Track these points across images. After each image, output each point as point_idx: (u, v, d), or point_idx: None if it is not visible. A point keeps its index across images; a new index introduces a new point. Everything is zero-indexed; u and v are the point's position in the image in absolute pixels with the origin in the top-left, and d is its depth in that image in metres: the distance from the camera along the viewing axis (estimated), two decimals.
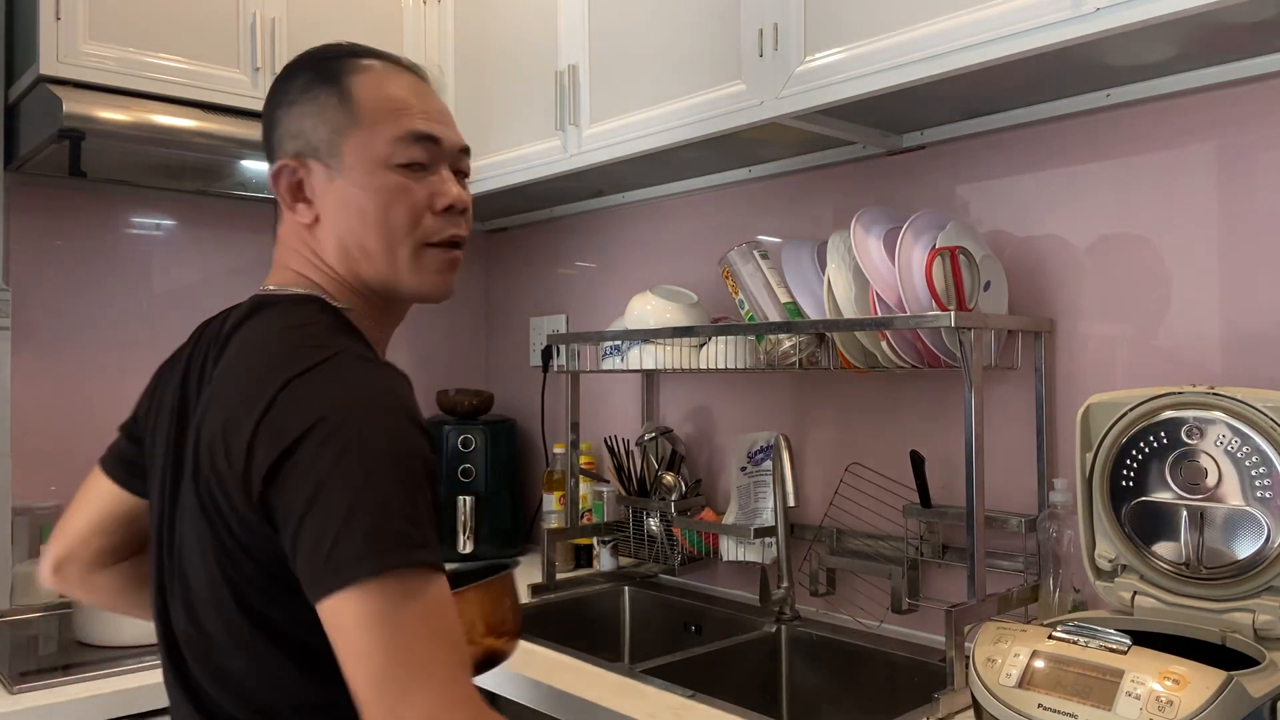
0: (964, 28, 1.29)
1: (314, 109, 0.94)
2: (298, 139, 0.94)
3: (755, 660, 1.68)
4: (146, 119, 1.74)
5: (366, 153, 0.92)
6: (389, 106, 0.94)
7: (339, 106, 0.93)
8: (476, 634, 1.15)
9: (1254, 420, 1.13)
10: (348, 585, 0.74)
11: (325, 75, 0.95)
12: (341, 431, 0.78)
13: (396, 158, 0.93)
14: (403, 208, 0.93)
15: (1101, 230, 1.50)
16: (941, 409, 1.68)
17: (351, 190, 0.93)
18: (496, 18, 2.13)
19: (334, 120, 0.93)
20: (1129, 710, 0.95)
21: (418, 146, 0.94)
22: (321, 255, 0.95)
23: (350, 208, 0.93)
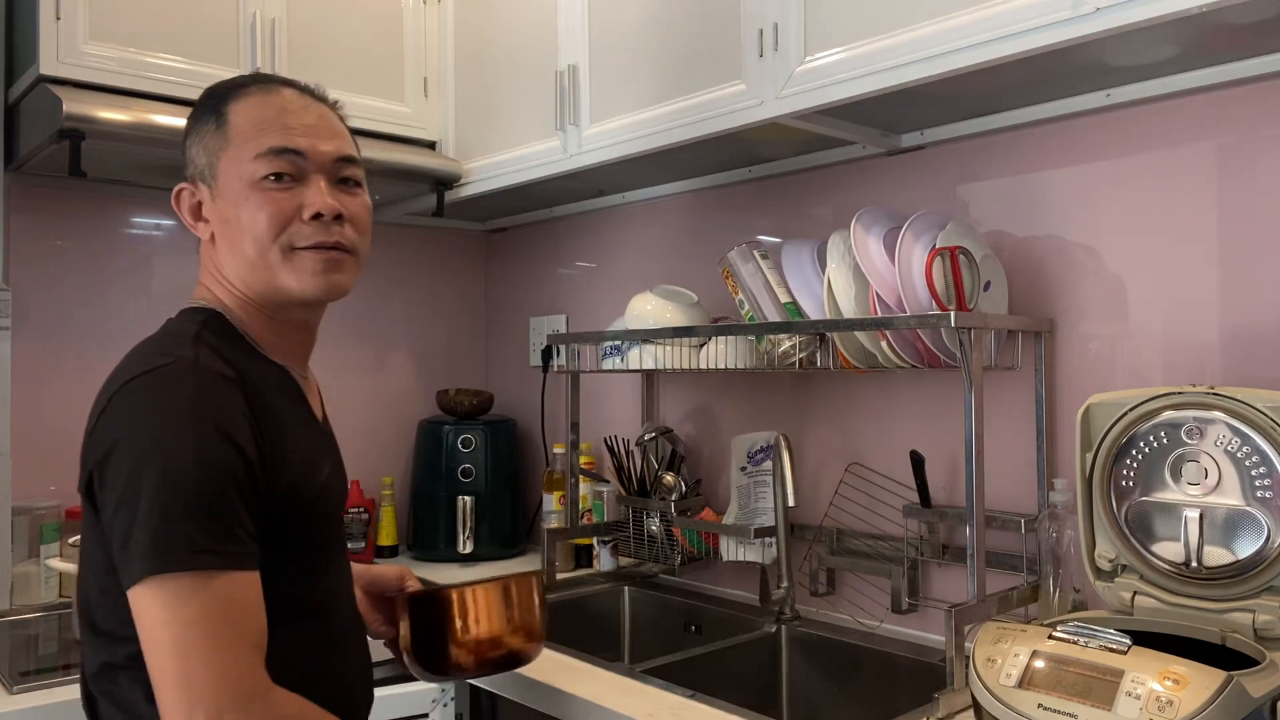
0: (964, 28, 1.29)
1: (198, 137, 1.05)
2: (191, 165, 1.05)
3: (755, 660, 1.68)
4: (146, 119, 1.74)
5: (235, 171, 1.01)
6: (254, 126, 1.02)
7: (215, 131, 1.03)
8: (501, 630, 1.17)
9: (1254, 420, 1.13)
10: (140, 579, 0.86)
11: (213, 105, 1.05)
12: (142, 442, 0.89)
13: (258, 171, 1.01)
14: (266, 216, 1.00)
15: (1101, 230, 1.50)
16: (941, 409, 1.68)
17: (227, 207, 1.02)
18: (496, 18, 2.13)
19: (211, 144, 1.03)
20: (1129, 710, 0.95)
21: (280, 159, 1.01)
22: (220, 269, 1.05)
23: (229, 223, 1.02)
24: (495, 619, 1.17)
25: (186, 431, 0.89)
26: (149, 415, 0.90)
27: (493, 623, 1.17)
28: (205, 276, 1.07)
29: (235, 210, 1.01)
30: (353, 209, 1.05)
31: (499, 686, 1.52)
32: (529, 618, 1.21)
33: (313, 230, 1.02)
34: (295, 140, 1.02)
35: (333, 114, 1.09)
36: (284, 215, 1.01)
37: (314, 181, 1.02)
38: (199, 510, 0.87)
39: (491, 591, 1.18)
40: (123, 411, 0.91)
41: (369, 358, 2.51)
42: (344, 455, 1.17)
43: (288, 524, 0.97)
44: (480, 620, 1.16)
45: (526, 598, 1.21)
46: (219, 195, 1.02)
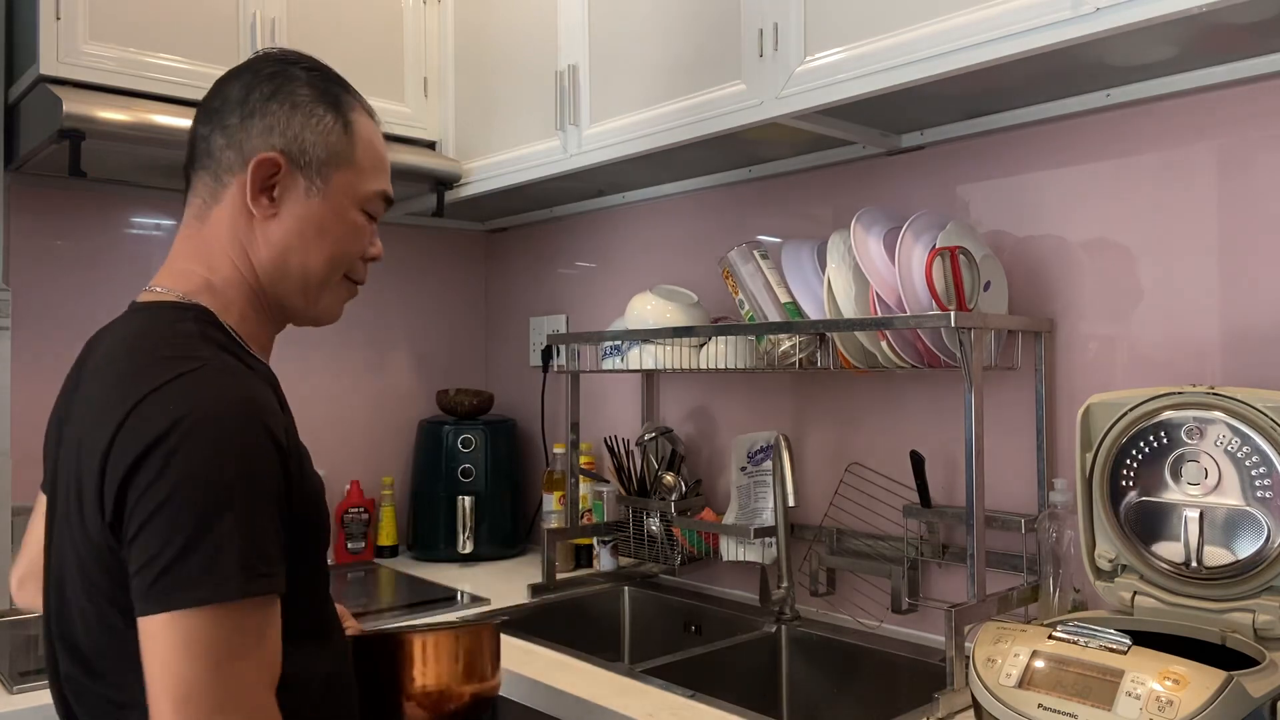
0: (964, 28, 1.29)
1: (318, 126, 0.98)
2: (289, 141, 0.96)
3: (755, 660, 1.68)
4: (146, 119, 1.74)
5: (351, 191, 1.00)
6: (378, 162, 1.04)
7: (342, 137, 0.99)
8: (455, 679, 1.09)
9: (1254, 420, 1.13)
10: (175, 609, 0.76)
11: (331, 99, 1.00)
12: (189, 448, 0.79)
13: (369, 207, 1.03)
14: (353, 246, 1.02)
15: (1101, 230, 1.50)
16: (941, 409, 1.68)
17: (326, 213, 0.99)
18: (496, 18, 2.13)
19: (335, 148, 0.99)
20: (1129, 710, 0.95)
21: (384, 205, 1.06)
22: (250, 251, 0.97)
23: (314, 226, 0.98)
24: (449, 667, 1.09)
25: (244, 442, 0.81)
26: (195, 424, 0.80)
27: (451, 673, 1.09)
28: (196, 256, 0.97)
29: (333, 223, 0.99)
30: None
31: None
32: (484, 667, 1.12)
33: (364, 269, 1.06)
34: (390, 191, 1.07)
35: None
36: (362, 251, 1.04)
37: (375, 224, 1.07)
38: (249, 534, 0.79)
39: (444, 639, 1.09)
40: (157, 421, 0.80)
41: (369, 358, 2.51)
42: (344, 455, 1.17)
43: (308, 534, 0.92)
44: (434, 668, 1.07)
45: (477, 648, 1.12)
46: (319, 197, 0.98)
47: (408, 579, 2.17)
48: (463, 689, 1.09)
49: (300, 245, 0.98)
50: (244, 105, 0.97)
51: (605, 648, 1.98)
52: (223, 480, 0.79)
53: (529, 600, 1.93)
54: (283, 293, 1.00)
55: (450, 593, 2.00)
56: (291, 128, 0.96)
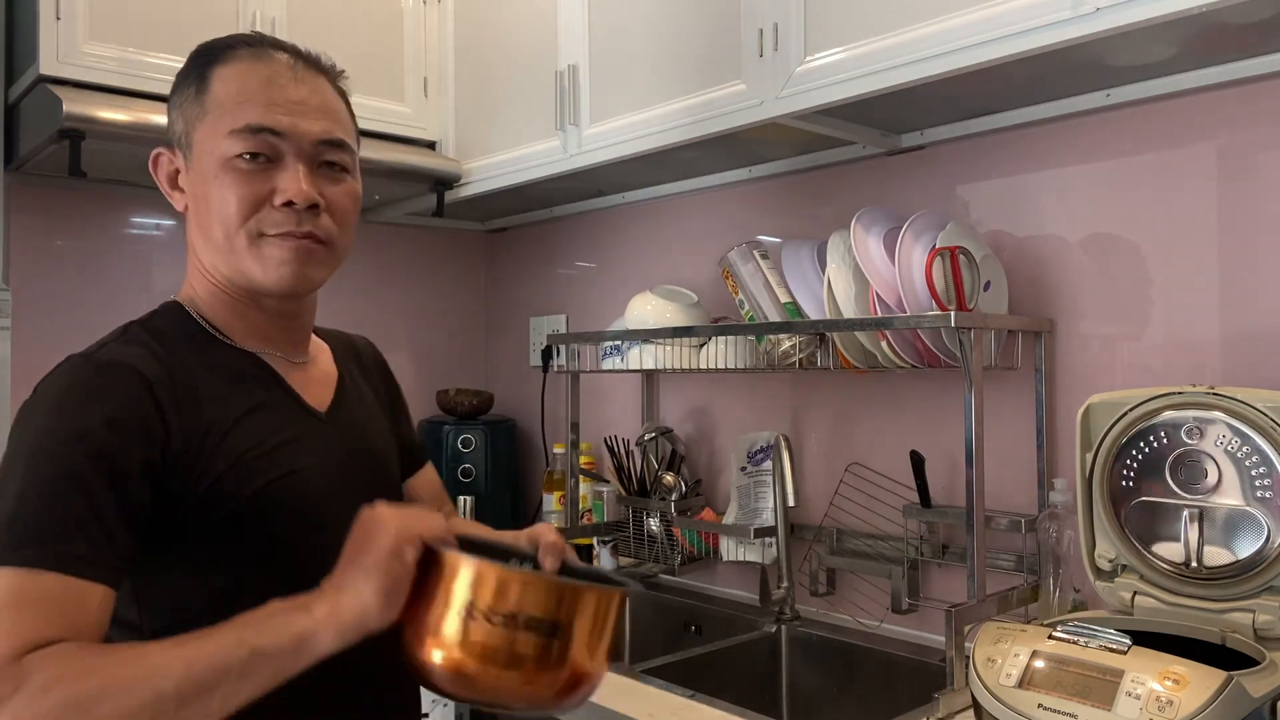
0: (964, 28, 1.29)
1: (179, 101, 0.96)
2: (170, 129, 0.98)
3: (755, 660, 1.68)
4: (146, 119, 1.74)
5: (209, 145, 0.93)
6: (233, 97, 0.92)
7: (196, 98, 0.94)
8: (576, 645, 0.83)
9: (1254, 420, 1.13)
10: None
11: (198, 66, 0.96)
12: (14, 429, 0.87)
13: (231, 150, 0.91)
14: (234, 198, 0.91)
15: (1101, 230, 1.50)
16: (941, 409, 1.68)
17: (198, 180, 0.94)
18: (496, 18, 2.13)
19: (189, 112, 0.95)
20: (1129, 710, 0.95)
21: (255, 138, 0.91)
22: (195, 250, 0.98)
23: (199, 200, 0.94)
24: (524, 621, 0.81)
25: (50, 420, 0.85)
26: (25, 407, 0.89)
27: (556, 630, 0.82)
28: (189, 256, 1.00)
29: (205, 188, 0.93)
30: (334, 197, 0.96)
31: None
32: (604, 641, 0.86)
33: (283, 218, 0.92)
34: (275, 118, 0.92)
35: (330, 87, 1.00)
36: (254, 199, 0.92)
37: (291, 165, 0.93)
38: (33, 504, 0.79)
39: (541, 584, 0.82)
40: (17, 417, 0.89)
41: None
42: None
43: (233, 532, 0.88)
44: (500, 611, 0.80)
45: (603, 616, 0.85)
46: (192, 168, 0.94)
47: None
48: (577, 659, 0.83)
49: (200, 221, 0.95)
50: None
51: None
52: (18, 458, 0.83)
53: None
54: (228, 273, 0.96)
55: None
56: (170, 115, 0.98)
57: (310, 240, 0.94)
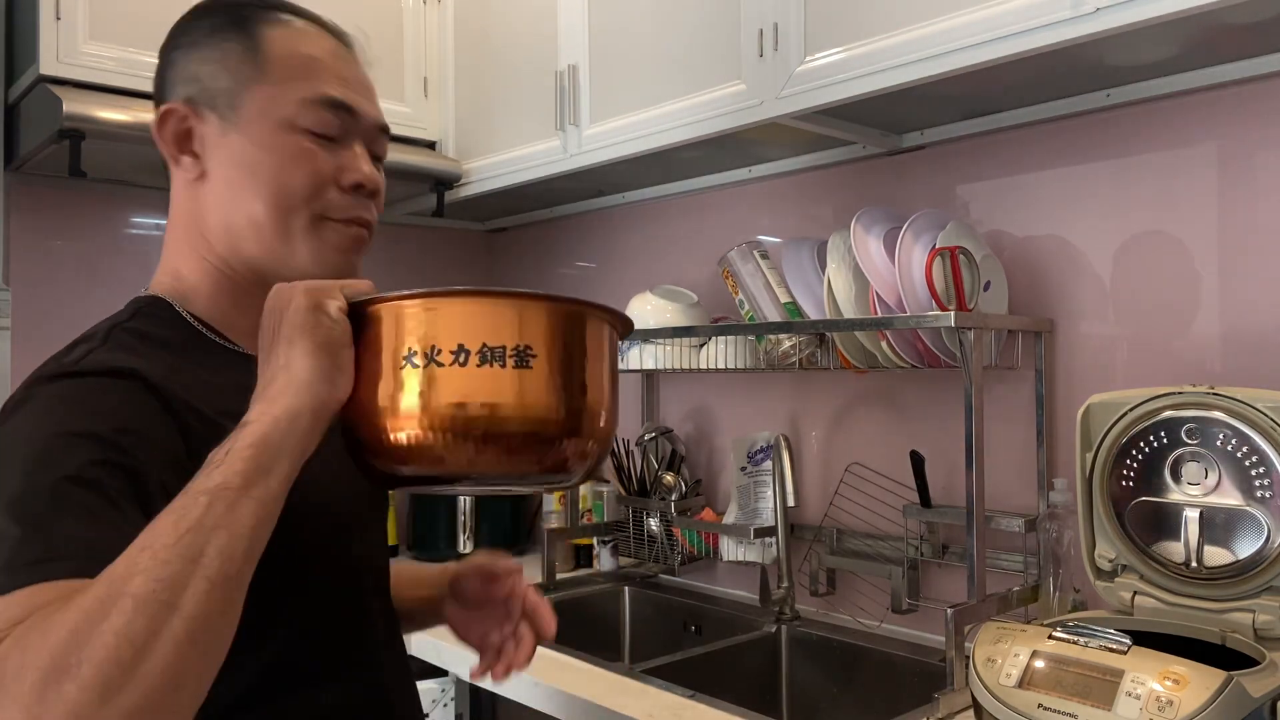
0: (964, 28, 1.29)
1: (217, 54, 0.85)
2: (192, 84, 0.85)
3: (755, 660, 1.68)
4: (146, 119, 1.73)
5: (270, 109, 0.83)
6: (303, 65, 0.85)
7: (245, 55, 0.84)
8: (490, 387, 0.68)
9: (1254, 420, 1.13)
10: None
11: (236, 21, 0.86)
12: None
13: (304, 120, 0.83)
14: (303, 173, 0.83)
15: (1101, 230, 1.50)
16: (941, 409, 1.68)
17: (247, 146, 0.83)
18: (496, 18, 2.13)
19: (238, 70, 0.84)
20: (1129, 710, 0.95)
21: (330, 113, 0.84)
22: (200, 225, 0.85)
23: (242, 166, 0.83)
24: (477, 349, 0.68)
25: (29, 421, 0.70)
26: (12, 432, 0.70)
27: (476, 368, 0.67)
28: (173, 235, 0.88)
29: (262, 154, 0.82)
30: (381, 188, 0.90)
31: (498, 685, 1.52)
32: (584, 377, 0.71)
33: (349, 202, 0.85)
34: (350, 96, 0.86)
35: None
36: (322, 178, 0.84)
37: (353, 147, 0.86)
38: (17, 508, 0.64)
39: (484, 305, 0.68)
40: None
41: None
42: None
43: None
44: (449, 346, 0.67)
45: (583, 341, 0.72)
46: (237, 130, 0.83)
47: None
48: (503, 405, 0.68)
49: (234, 195, 0.83)
50: (159, 68, 0.89)
51: (605, 648, 1.98)
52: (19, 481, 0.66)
53: None
54: (249, 259, 0.84)
55: None
56: (194, 68, 0.85)
57: (367, 229, 0.88)
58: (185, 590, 0.56)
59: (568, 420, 0.69)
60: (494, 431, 0.67)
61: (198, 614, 0.56)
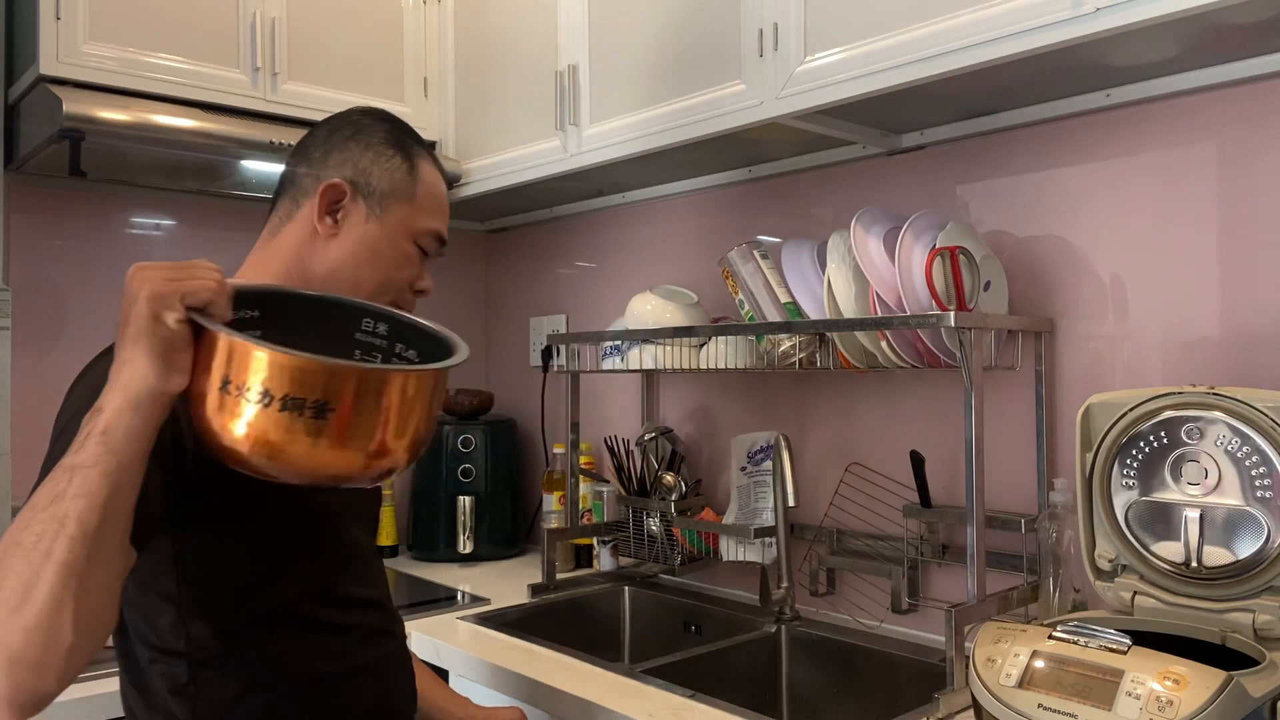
0: (964, 28, 1.29)
1: (386, 164, 1.11)
2: (358, 173, 1.10)
3: (755, 660, 1.68)
4: (146, 119, 1.74)
5: (407, 223, 1.11)
6: (437, 204, 1.15)
7: (407, 176, 1.12)
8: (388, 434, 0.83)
9: (1254, 420, 1.13)
10: None
11: (403, 146, 1.13)
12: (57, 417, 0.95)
13: (422, 241, 1.13)
14: (403, 273, 1.12)
15: (1101, 230, 1.50)
16: (941, 409, 1.68)
17: (381, 238, 1.10)
18: (496, 18, 2.13)
19: (398, 184, 1.11)
20: (1129, 710, 0.95)
21: (435, 244, 1.15)
22: (308, 264, 1.09)
23: (370, 247, 1.09)
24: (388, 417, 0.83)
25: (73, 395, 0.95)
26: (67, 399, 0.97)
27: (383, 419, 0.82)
28: (263, 258, 1.10)
29: (389, 249, 1.10)
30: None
31: (498, 685, 1.52)
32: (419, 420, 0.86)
33: (411, 299, 1.14)
34: (445, 234, 1.16)
35: None
36: (409, 279, 1.13)
37: (428, 264, 1.16)
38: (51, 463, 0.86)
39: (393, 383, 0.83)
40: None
41: None
42: None
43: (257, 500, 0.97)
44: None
45: (379, 395, 0.83)
46: (378, 223, 1.09)
47: (407, 579, 2.17)
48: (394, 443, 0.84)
49: (353, 264, 1.09)
50: (327, 141, 1.12)
51: (605, 648, 1.98)
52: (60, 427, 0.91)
53: (529, 600, 1.93)
54: None
55: (450, 592, 2.01)
56: (362, 162, 1.11)
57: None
58: (55, 543, 0.76)
59: (363, 464, 0.83)
60: (287, 464, 0.81)
61: (66, 560, 0.76)
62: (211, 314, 0.82)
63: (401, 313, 1.05)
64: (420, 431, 0.86)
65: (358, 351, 1.02)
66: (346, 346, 1.01)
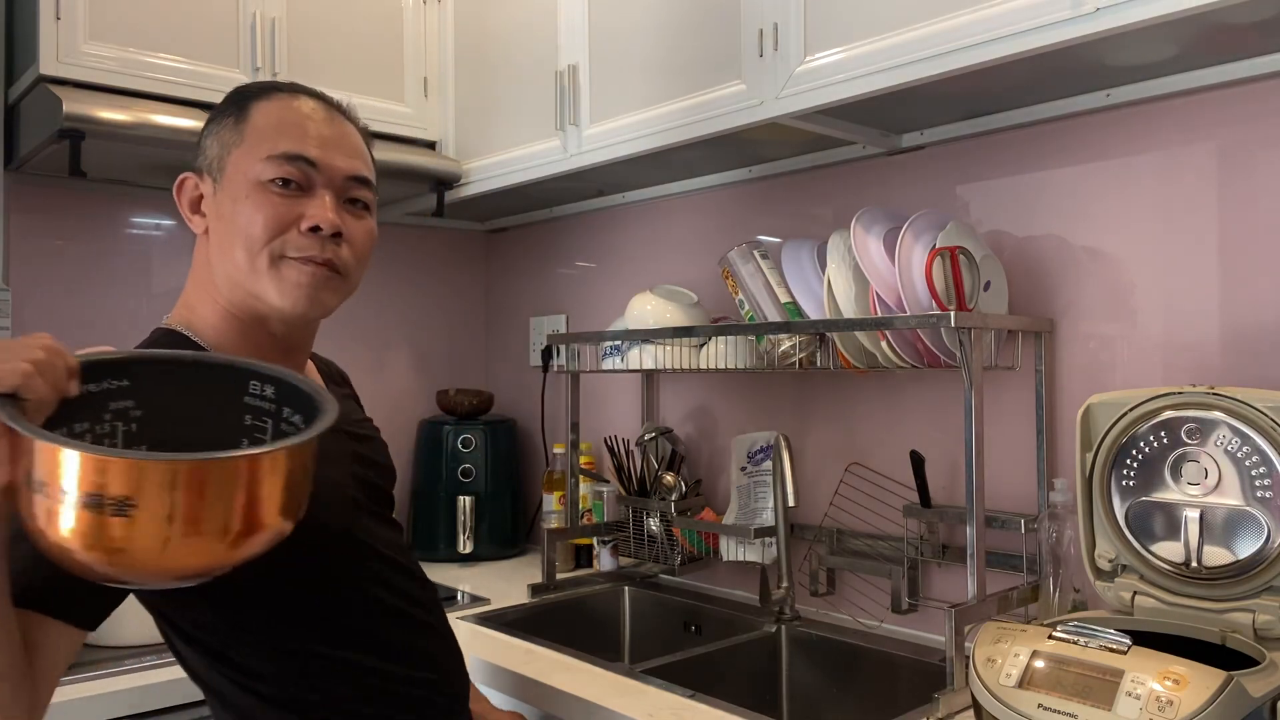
0: (964, 28, 1.29)
1: (216, 129, 1.02)
2: (201, 155, 1.02)
3: (755, 660, 1.68)
4: (146, 119, 1.74)
5: (243, 168, 0.98)
6: (272, 127, 0.99)
7: (233, 127, 1.00)
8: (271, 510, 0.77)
9: (1254, 420, 1.13)
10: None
11: (237, 101, 1.03)
12: None
13: (266, 174, 0.97)
14: (262, 219, 0.96)
15: (1101, 230, 1.50)
16: (941, 409, 1.68)
17: (226, 203, 0.98)
18: (496, 18, 2.13)
19: (226, 138, 1.00)
20: (1129, 710, 0.95)
21: (290, 165, 0.98)
22: (210, 267, 1.01)
23: (224, 220, 0.98)
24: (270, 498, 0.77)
25: None
26: None
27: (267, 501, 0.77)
28: (192, 280, 1.04)
29: (233, 206, 0.97)
30: (354, 231, 1.02)
31: (496, 686, 1.52)
32: (301, 493, 0.81)
33: (307, 243, 0.98)
34: (309, 149, 0.99)
35: (357, 134, 1.07)
36: (281, 221, 0.97)
37: (320, 194, 0.99)
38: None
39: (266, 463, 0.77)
40: None
41: (369, 358, 2.51)
42: None
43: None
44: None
45: (305, 466, 0.81)
46: (221, 190, 0.99)
47: None
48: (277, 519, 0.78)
49: (222, 241, 0.99)
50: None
51: (605, 648, 1.98)
52: None
53: (529, 600, 1.93)
54: (242, 296, 0.99)
55: (450, 592, 2.01)
56: (202, 143, 1.03)
57: (328, 268, 0.99)
58: None
59: (177, 561, 0.74)
60: (92, 566, 0.73)
61: None
62: (23, 398, 0.73)
63: (286, 372, 0.90)
64: (256, 512, 0.76)
65: (248, 416, 0.91)
66: (235, 414, 0.91)
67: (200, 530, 0.73)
